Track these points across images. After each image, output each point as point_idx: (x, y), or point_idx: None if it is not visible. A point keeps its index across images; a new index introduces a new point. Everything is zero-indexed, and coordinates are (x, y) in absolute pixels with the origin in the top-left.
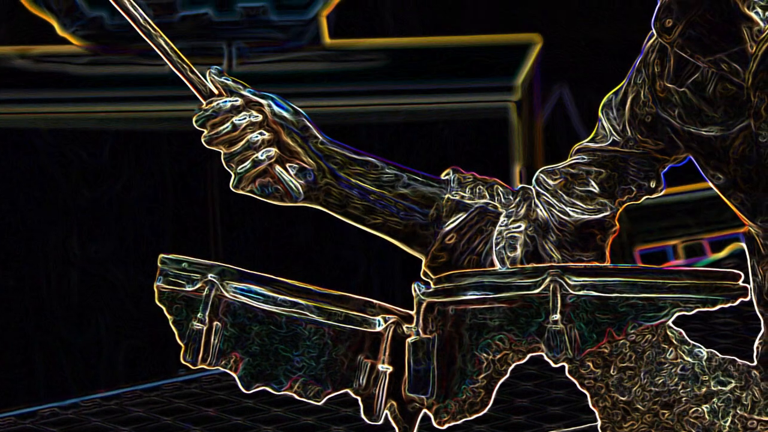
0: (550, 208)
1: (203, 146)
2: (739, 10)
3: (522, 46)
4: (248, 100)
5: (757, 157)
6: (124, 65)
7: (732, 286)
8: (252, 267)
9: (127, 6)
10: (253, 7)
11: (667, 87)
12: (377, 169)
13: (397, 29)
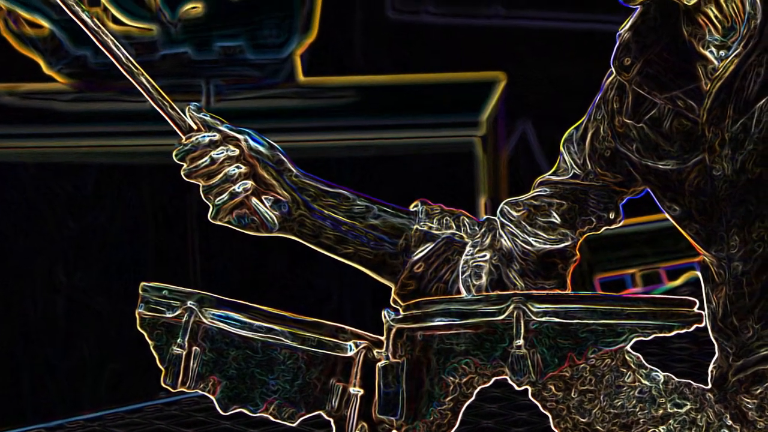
0: (513, 238)
1: (183, 179)
2: (694, 49)
3: (487, 83)
4: (225, 135)
5: (711, 190)
6: (107, 102)
7: (687, 312)
8: (229, 294)
9: (110, 45)
10: (230, 46)
11: (625, 123)
12: (349, 201)
13: (368, 67)
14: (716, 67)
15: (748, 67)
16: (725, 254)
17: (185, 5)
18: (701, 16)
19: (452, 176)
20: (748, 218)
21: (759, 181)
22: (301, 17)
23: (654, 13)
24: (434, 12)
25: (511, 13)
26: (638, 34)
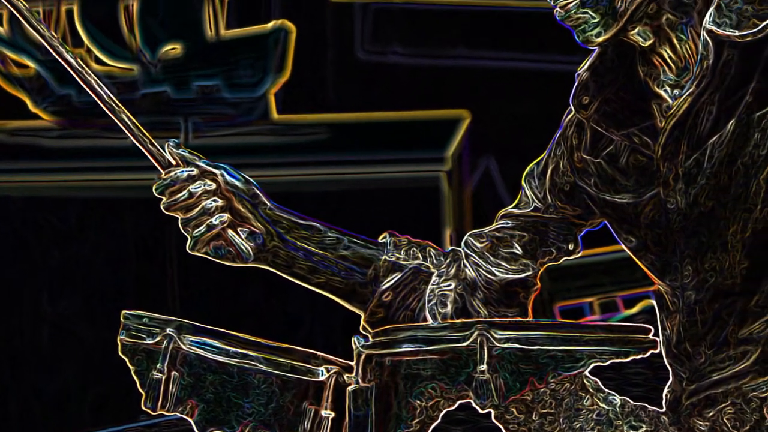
0: (477, 269)
1: (163, 212)
2: (649, 88)
3: (451, 121)
4: (203, 170)
5: (665, 222)
6: (90, 138)
7: (643, 339)
8: (207, 322)
9: (93, 84)
10: (207, 85)
11: (584, 158)
12: (320, 233)
13: (339, 106)
14: (670, 105)
15: (700, 105)
16: (679, 284)
17: (164, 46)
18: (656, 56)
19: (419, 209)
20: (701, 249)
21: (711, 214)
22: (274, 58)
23: (611, 53)
24: (401, 53)
25: (474, 54)
26: (596, 73)
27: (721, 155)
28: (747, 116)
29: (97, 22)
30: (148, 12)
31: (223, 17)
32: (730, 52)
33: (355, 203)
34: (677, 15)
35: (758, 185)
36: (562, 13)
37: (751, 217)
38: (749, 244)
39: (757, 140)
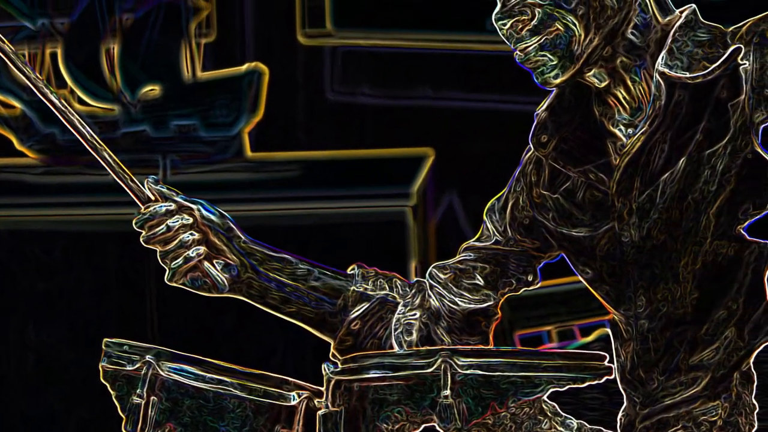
0: (441, 299)
1: (142, 245)
2: (605, 127)
3: (417, 158)
4: (180, 205)
5: (620, 255)
6: (73, 175)
7: (598, 366)
8: (184, 349)
9: (76, 123)
10: (185, 124)
11: (542, 194)
12: (292, 264)
13: (310, 144)
14: (625, 143)
15: (653, 143)
16: (633, 313)
17: (144, 88)
18: (611, 97)
19: (386, 242)
20: (654, 280)
21: (663, 246)
22: (248, 98)
23: (568, 94)
24: (369, 94)
25: (438, 94)
26: (554, 113)
27: (672, 191)
28: (697, 154)
29: (79, 65)
30: (129, 55)
31: (200, 60)
32: (682, 93)
33: (325, 236)
34: (631, 58)
35: (708, 220)
36: (522, 56)
37: (701, 250)
38: (699, 275)
39: (707, 177)
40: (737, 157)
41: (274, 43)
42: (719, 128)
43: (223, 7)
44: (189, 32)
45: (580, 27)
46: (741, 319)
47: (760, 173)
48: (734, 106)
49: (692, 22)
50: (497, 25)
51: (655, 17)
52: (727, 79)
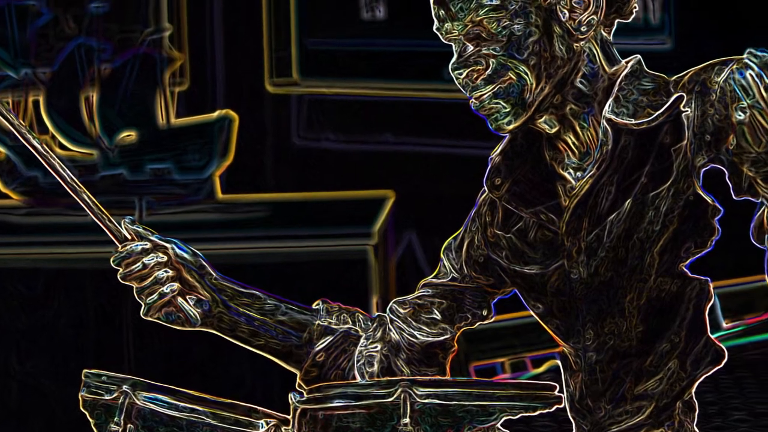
0: (401, 332)
1: (119, 282)
2: (555, 170)
3: (378, 200)
4: (155, 244)
5: (569, 291)
6: (54, 215)
7: (549, 395)
8: (158, 380)
9: (57, 167)
10: (159, 168)
11: (496, 233)
12: (260, 300)
13: (277, 186)
14: (574, 186)
15: (600, 186)
16: (581, 346)
17: (121, 133)
18: (561, 142)
19: (348, 279)
20: (601, 315)
21: (610, 283)
22: (219, 143)
23: (521, 140)
24: (333, 139)
25: (398, 139)
26: (507, 157)
27: (619, 231)
28: (642, 196)
29: (60, 112)
30: (106, 103)
31: (173, 107)
32: (627, 139)
33: (291, 273)
34: (580, 105)
35: (652, 258)
36: (477, 104)
37: (646, 286)
38: (644, 310)
39: (651, 217)
40: (680, 199)
41: (243, 92)
42: (663, 172)
43: (196, 58)
44: (163, 81)
45: (531, 76)
46: (683, 352)
47: (701, 214)
48: (677, 151)
49: (637, 71)
50: (454, 75)
51: (603, 67)
52: (670, 125)
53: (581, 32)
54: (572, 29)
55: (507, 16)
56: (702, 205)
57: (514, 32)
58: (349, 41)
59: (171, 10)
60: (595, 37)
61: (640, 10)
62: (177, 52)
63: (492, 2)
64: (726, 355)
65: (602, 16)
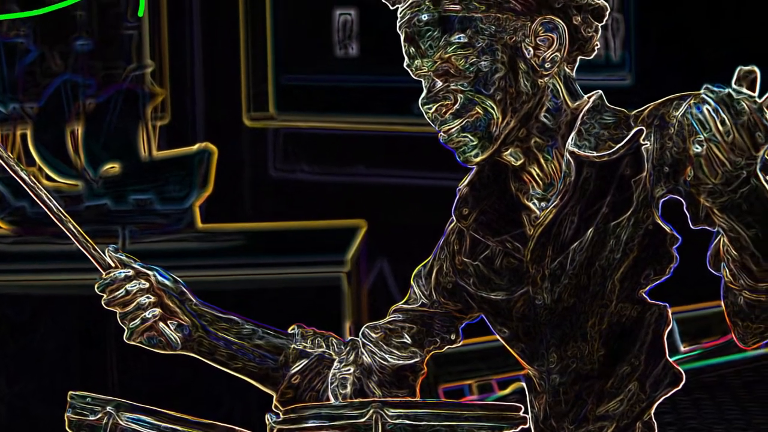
0: (373, 355)
1: (103, 307)
2: (520, 201)
3: (351, 229)
4: (138, 271)
5: (534, 316)
6: (41, 244)
7: (514, 416)
8: (141, 401)
9: (43, 198)
10: (142, 198)
11: (464, 261)
12: (238, 325)
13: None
14: (538, 215)
15: (564, 216)
16: (545, 368)
17: (105, 166)
18: (526, 174)
19: (322, 304)
20: (564, 339)
21: (573, 308)
22: (199, 175)
23: (487, 171)
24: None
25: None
26: (474, 188)
27: (581, 258)
28: (603, 225)
29: (47, 145)
30: (91, 136)
31: (155, 140)
32: (589, 171)
33: (268, 299)
34: (544, 138)
35: (613, 284)
36: (446, 137)
37: (607, 311)
38: (605, 334)
39: (612, 246)
40: (639, 228)
41: (222, 126)
42: (623, 202)
43: (177, 93)
44: (145, 115)
45: (498, 111)
46: (643, 374)
47: (660, 242)
48: (637, 182)
49: (599, 106)
50: (423, 109)
51: (566, 102)
52: (630, 157)
53: (545, 69)
54: (537, 66)
55: (474, 53)
56: (661, 234)
57: (481, 69)
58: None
59: (153, 48)
60: (558, 73)
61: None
62: (158, 88)
63: (460, 40)
64: (684, 377)
65: (565, 53)
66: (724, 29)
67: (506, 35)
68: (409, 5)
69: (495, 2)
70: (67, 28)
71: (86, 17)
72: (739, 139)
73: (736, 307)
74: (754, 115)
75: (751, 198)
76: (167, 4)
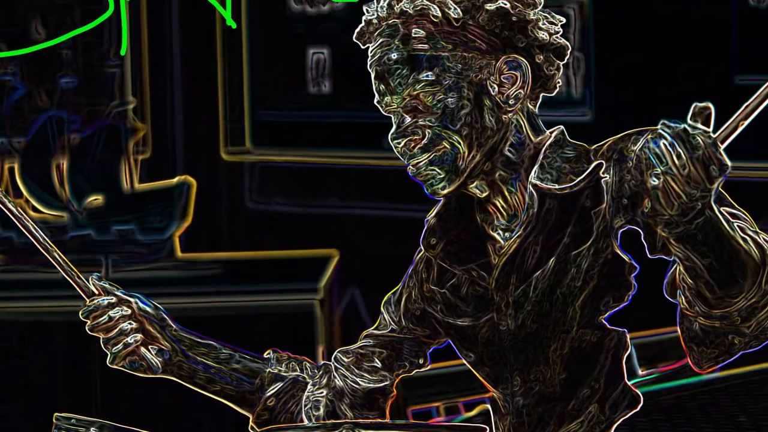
0: (345, 379)
1: (87, 333)
2: (485, 231)
3: (324, 258)
4: (120, 299)
5: (498, 341)
6: (28, 272)
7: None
8: (124, 422)
9: (30, 228)
10: (124, 229)
11: (432, 289)
12: (216, 349)
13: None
14: (502, 245)
15: (527, 245)
16: (509, 391)
17: (89, 197)
18: (491, 205)
19: (297, 330)
20: (527, 363)
21: (536, 334)
22: (179, 206)
23: (454, 203)
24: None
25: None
26: (442, 220)
27: (543, 286)
28: (565, 255)
29: (33, 178)
30: (76, 169)
31: (137, 173)
32: (551, 202)
33: (245, 325)
34: (508, 172)
35: (574, 311)
36: (414, 170)
37: (568, 337)
38: (567, 359)
39: (573, 274)
40: (599, 257)
41: (200, 159)
42: (584, 232)
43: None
44: (128, 150)
45: (464, 145)
46: (602, 397)
47: (618, 271)
48: (597, 214)
49: (561, 140)
50: (393, 144)
51: (529, 137)
52: (590, 190)
53: (509, 105)
54: (501, 102)
55: (441, 90)
56: (619, 263)
57: (448, 105)
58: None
59: (135, 85)
60: (522, 109)
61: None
62: (140, 124)
63: (427, 78)
64: (642, 399)
65: (528, 90)
66: (679, 68)
67: (472, 73)
68: (379, 45)
69: (461, 42)
70: (52, 67)
71: (71, 56)
72: (695, 173)
73: (691, 333)
74: (709, 149)
75: (706, 229)
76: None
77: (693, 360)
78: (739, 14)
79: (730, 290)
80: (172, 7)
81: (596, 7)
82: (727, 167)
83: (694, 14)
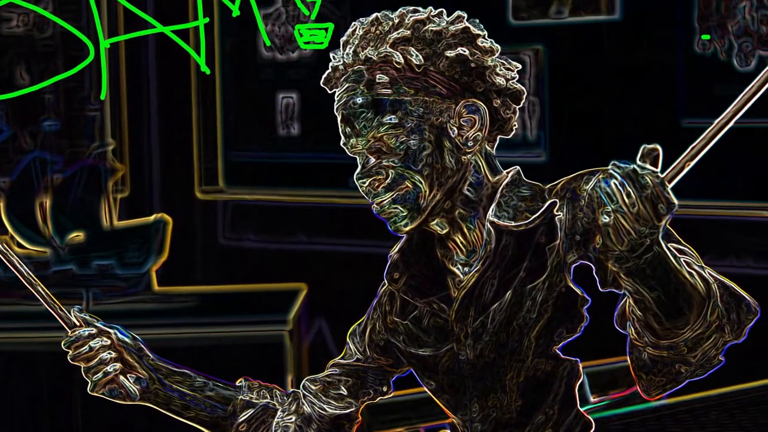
0: (312, 406)
1: (69, 362)
2: (445, 266)
3: (293, 291)
4: (100, 330)
5: (458, 370)
6: (13, 305)
7: None
8: None
9: (15, 263)
10: (104, 264)
11: (395, 320)
12: (191, 378)
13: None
14: (462, 279)
15: (485, 279)
16: (468, 417)
17: (70, 234)
18: (451, 242)
19: (267, 359)
20: (485, 391)
21: (493, 363)
22: (156, 243)
23: (416, 239)
24: (254, 239)
25: (311, 240)
26: (404, 255)
27: (501, 318)
28: (521, 288)
29: (18, 215)
30: (58, 208)
31: (116, 211)
32: (508, 239)
33: (218, 355)
34: (467, 210)
35: (529, 341)
36: (378, 208)
37: (524, 366)
38: (522, 387)
39: (528, 306)
40: (553, 291)
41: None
42: (539, 267)
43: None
44: (107, 189)
45: (425, 185)
46: (556, 423)
47: (571, 304)
48: (551, 249)
49: (517, 180)
50: (358, 183)
51: (487, 176)
52: (545, 227)
53: (468, 147)
54: (461, 144)
55: (404, 132)
56: (572, 296)
57: (411, 147)
58: (268, 154)
59: (114, 128)
60: (480, 150)
61: (519, 128)
62: (119, 164)
63: (391, 121)
64: (593, 425)
65: (486, 132)
66: (629, 111)
67: (433, 116)
68: (345, 89)
69: (423, 87)
70: (36, 110)
71: (54, 100)
72: (643, 211)
73: (640, 362)
74: (657, 188)
75: (654, 263)
76: (127, 89)
77: (642, 388)
78: (685, 61)
79: (676, 322)
80: (149, 54)
81: (551, 54)
82: (674, 205)
83: (643, 61)
